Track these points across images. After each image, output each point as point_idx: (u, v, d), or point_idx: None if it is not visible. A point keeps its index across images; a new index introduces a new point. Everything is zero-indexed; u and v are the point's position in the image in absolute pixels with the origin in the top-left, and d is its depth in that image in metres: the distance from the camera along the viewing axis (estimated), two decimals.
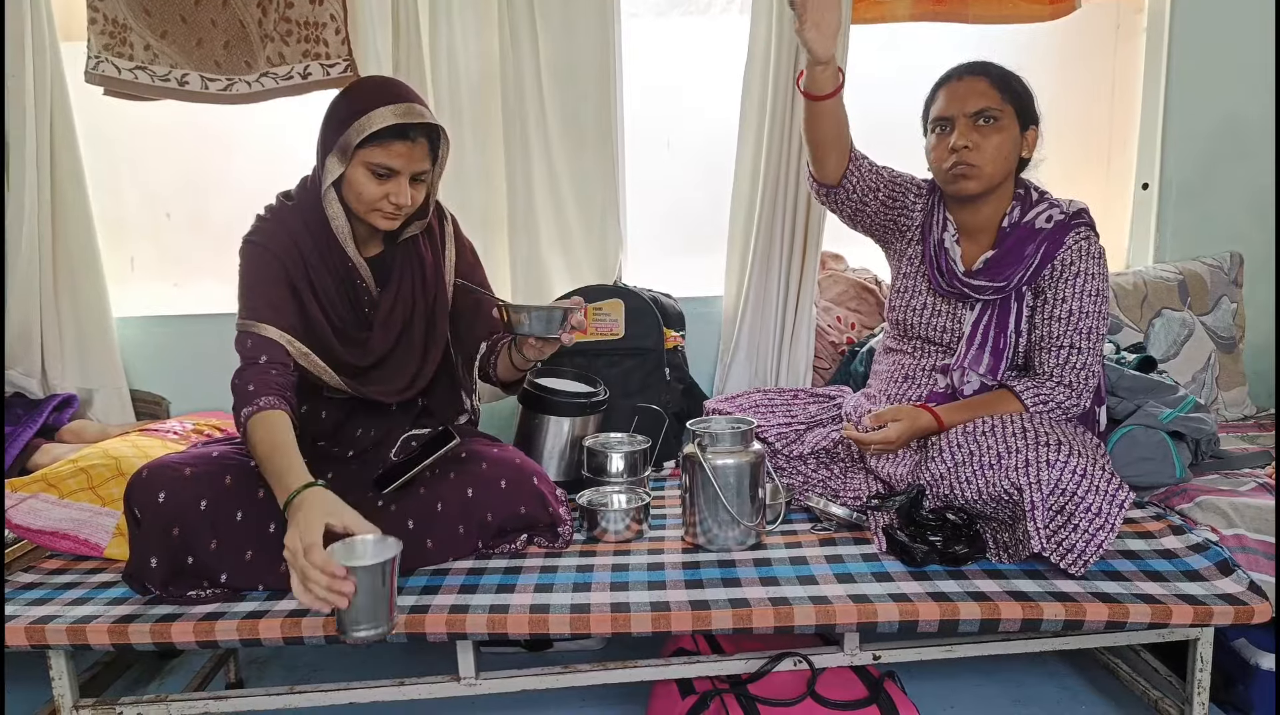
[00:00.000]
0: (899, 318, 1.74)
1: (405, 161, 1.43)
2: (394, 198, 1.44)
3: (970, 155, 1.54)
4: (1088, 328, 1.55)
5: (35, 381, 2.27)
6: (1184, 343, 2.24)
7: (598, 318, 2.16)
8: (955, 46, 2.26)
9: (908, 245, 1.73)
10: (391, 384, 1.59)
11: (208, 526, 1.36)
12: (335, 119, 1.45)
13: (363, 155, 1.42)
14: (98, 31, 2.11)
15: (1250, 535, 1.48)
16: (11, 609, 1.37)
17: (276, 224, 1.52)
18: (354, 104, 1.43)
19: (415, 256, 1.61)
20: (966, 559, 1.41)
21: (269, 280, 1.48)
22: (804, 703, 1.37)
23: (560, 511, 1.55)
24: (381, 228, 1.50)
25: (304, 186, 1.56)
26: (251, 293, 1.48)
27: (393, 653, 1.95)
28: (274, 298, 1.47)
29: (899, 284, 1.74)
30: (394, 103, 1.42)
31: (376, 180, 1.44)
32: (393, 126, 1.40)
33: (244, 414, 1.37)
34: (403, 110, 1.41)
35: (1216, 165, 2.41)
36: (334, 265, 1.53)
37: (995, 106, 1.55)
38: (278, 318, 1.46)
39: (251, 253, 1.50)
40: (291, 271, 1.50)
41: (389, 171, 1.43)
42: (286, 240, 1.50)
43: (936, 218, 1.67)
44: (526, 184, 2.23)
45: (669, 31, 2.43)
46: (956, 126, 1.56)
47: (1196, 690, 1.40)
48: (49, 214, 2.22)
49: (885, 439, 1.56)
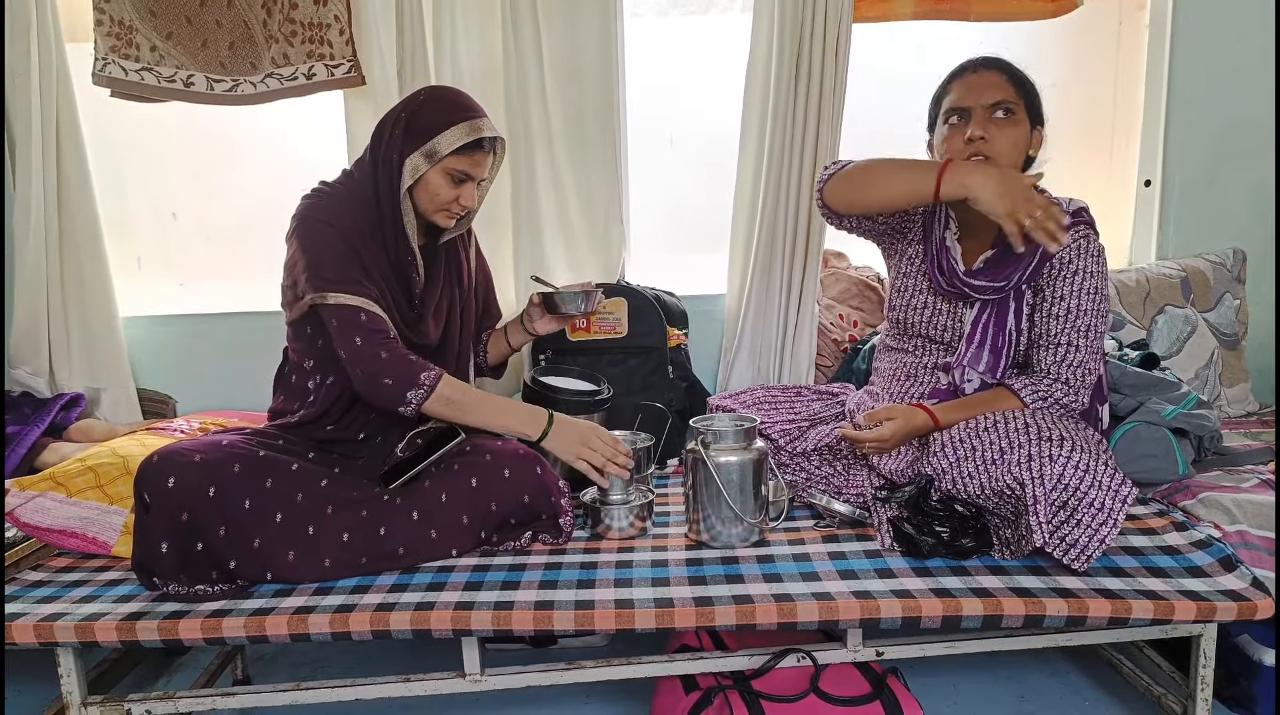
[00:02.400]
0: (899, 317, 1.75)
1: (479, 170, 1.60)
2: (463, 200, 1.60)
3: (986, 147, 1.54)
4: (1085, 326, 1.55)
5: (42, 381, 2.28)
6: (1187, 339, 2.24)
7: (601, 316, 2.17)
8: (958, 45, 2.26)
9: (908, 245, 1.74)
10: None
11: (216, 512, 1.38)
12: (417, 127, 1.55)
13: (447, 163, 1.56)
14: (104, 33, 2.12)
15: (1253, 531, 1.48)
16: (20, 606, 1.38)
17: (337, 205, 1.57)
18: (441, 116, 1.55)
19: (456, 257, 1.76)
20: (973, 552, 1.41)
21: (345, 255, 1.53)
22: (807, 699, 1.38)
23: (562, 502, 1.57)
24: (444, 226, 1.65)
25: (350, 178, 1.63)
26: (338, 265, 1.52)
27: (398, 649, 1.96)
28: (356, 273, 1.53)
29: (899, 283, 1.75)
30: (474, 118, 1.57)
31: (453, 185, 1.58)
32: (476, 139, 1.56)
33: (426, 379, 1.51)
34: (484, 124, 1.58)
35: (1219, 162, 2.41)
36: (393, 255, 1.60)
37: (1012, 99, 1.55)
38: (367, 292, 1.52)
39: (318, 230, 1.53)
40: (361, 249, 1.55)
41: (465, 177, 1.59)
42: (349, 222, 1.56)
43: (939, 214, 1.68)
44: (530, 183, 2.24)
45: (671, 30, 2.43)
46: (973, 117, 1.55)
47: (1199, 686, 1.40)
48: (55, 214, 2.23)
49: (879, 437, 1.56)
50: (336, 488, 1.49)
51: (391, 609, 1.31)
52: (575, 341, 2.18)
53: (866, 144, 1.71)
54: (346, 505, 1.47)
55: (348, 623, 1.29)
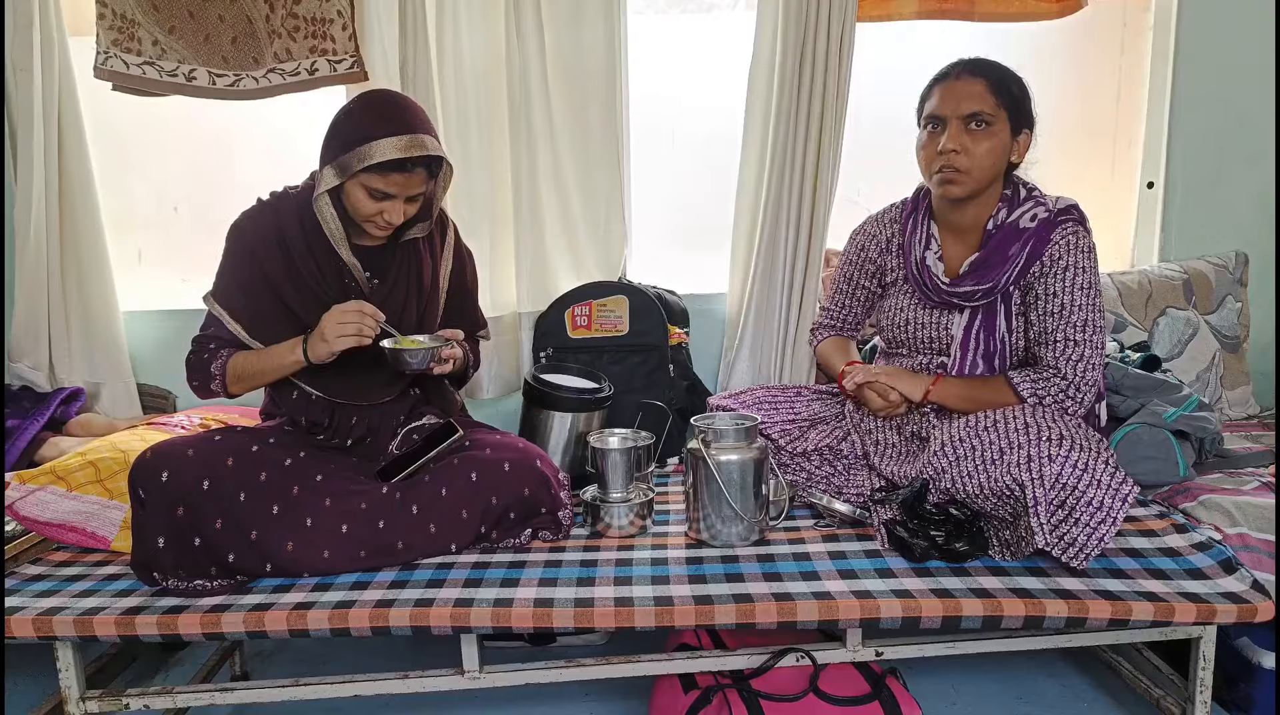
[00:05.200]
0: (888, 336, 1.79)
1: (401, 189, 1.50)
2: (387, 216, 1.52)
3: (958, 160, 1.55)
4: (1080, 321, 1.56)
5: (42, 375, 2.28)
6: (1188, 342, 2.24)
7: (602, 314, 2.17)
8: (961, 44, 2.26)
9: (894, 282, 1.78)
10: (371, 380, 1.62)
11: (211, 506, 1.38)
12: (340, 136, 1.49)
13: (361, 178, 1.48)
14: (106, 27, 2.11)
15: (1253, 534, 1.48)
16: (19, 600, 1.38)
17: (269, 213, 1.59)
18: (360, 128, 1.47)
19: (414, 258, 1.66)
20: (967, 556, 1.41)
21: (238, 266, 1.58)
22: (806, 698, 1.37)
23: (562, 495, 1.57)
24: (374, 236, 1.58)
25: (310, 180, 1.60)
26: (225, 274, 1.60)
27: (397, 646, 1.96)
28: (236, 283, 1.58)
29: (883, 304, 1.80)
30: (399, 134, 1.45)
31: (372, 200, 1.50)
32: (393, 160, 1.45)
33: (215, 365, 1.57)
34: (405, 144, 1.45)
35: (1222, 165, 2.40)
36: (323, 261, 1.57)
37: (988, 111, 1.55)
38: (233, 302, 1.58)
39: (230, 239, 1.61)
40: (266, 263, 1.56)
41: (385, 195, 1.50)
42: (270, 231, 1.56)
43: (919, 235, 1.69)
44: (532, 180, 2.24)
45: (673, 28, 2.43)
46: (948, 128, 1.56)
47: (1198, 689, 1.40)
48: (56, 208, 2.23)
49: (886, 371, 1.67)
50: (333, 481, 1.49)
51: (391, 605, 1.31)
52: (576, 339, 2.18)
53: (868, 143, 1.71)
54: (344, 497, 1.47)
55: (347, 619, 1.29)
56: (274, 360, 1.55)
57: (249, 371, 1.57)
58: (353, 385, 1.61)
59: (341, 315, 1.48)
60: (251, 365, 1.57)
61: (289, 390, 1.62)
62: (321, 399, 1.61)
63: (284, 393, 1.63)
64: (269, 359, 1.56)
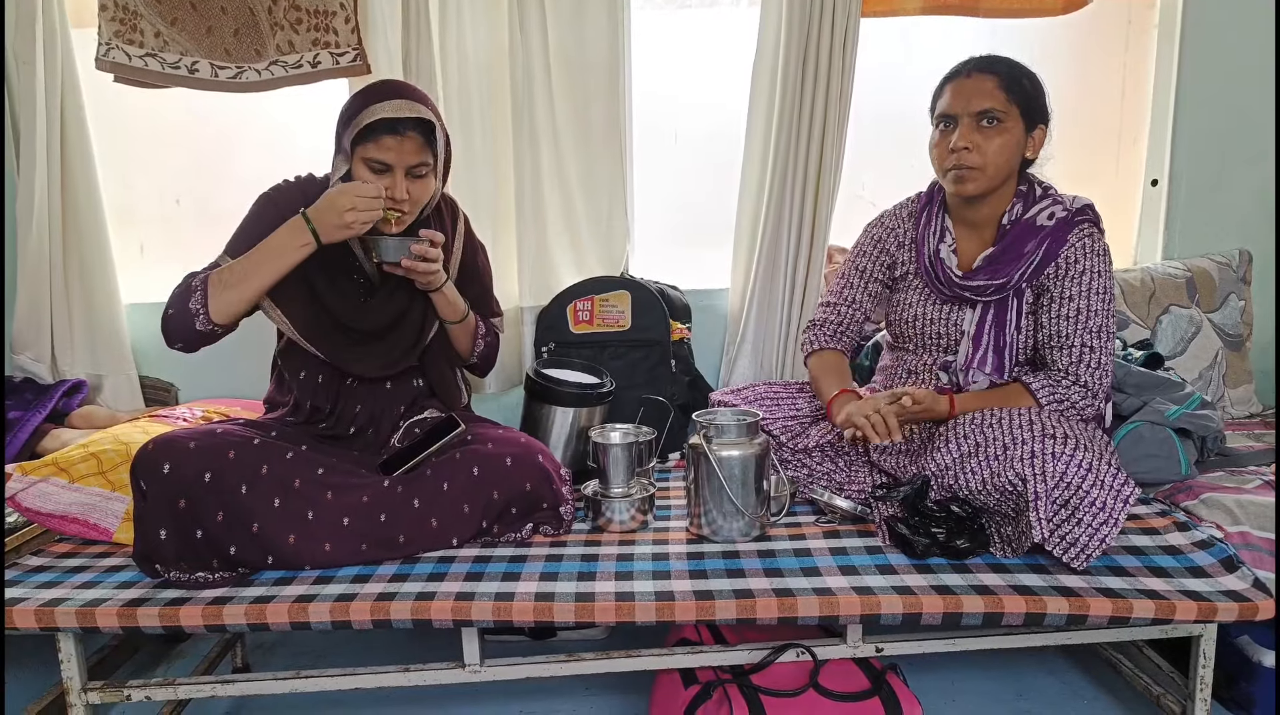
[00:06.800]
0: (897, 331, 1.78)
1: (396, 155, 1.49)
2: (392, 192, 1.50)
3: (970, 158, 1.54)
4: (1097, 326, 1.55)
5: (45, 367, 2.28)
6: (1191, 340, 2.24)
7: (604, 309, 2.17)
8: (966, 40, 2.25)
9: (906, 277, 1.76)
10: (378, 360, 1.62)
11: (213, 498, 1.38)
12: (341, 120, 1.54)
13: (360, 152, 1.50)
14: (108, 18, 2.11)
15: (1255, 532, 1.48)
16: (21, 591, 1.38)
17: (296, 190, 1.61)
18: (355, 103, 1.51)
19: None
20: (968, 554, 1.41)
21: (261, 221, 1.56)
22: (806, 694, 1.38)
23: (563, 490, 1.57)
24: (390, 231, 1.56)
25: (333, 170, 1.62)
26: (242, 235, 1.57)
27: (398, 639, 1.97)
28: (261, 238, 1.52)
29: (894, 299, 1.77)
30: (389, 99, 1.48)
31: (375, 177, 1.51)
32: (382, 120, 1.46)
33: (196, 280, 1.51)
34: (394, 106, 1.48)
35: (1226, 163, 2.40)
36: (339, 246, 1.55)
37: (1000, 108, 1.54)
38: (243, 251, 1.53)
39: (259, 204, 1.60)
40: None
41: (383, 166, 1.50)
42: (298, 202, 1.55)
43: (933, 229, 1.68)
44: (534, 175, 2.24)
45: (676, 23, 2.42)
46: (959, 126, 1.55)
47: (1199, 687, 1.40)
48: (59, 200, 2.23)
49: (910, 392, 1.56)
50: (334, 474, 1.49)
51: (392, 598, 1.31)
52: (578, 334, 2.18)
53: (874, 140, 1.71)
54: (345, 490, 1.47)
55: (348, 611, 1.29)
56: (268, 251, 1.47)
57: (236, 272, 1.48)
58: (358, 352, 1.60)
59: (343, 199, 1.43)
60: (238, 265, 1.49)
61: (297, 368, 1.62)
62: (327, 379, 1.61)
63: (292, 366, 1.63)
64: (262, 251, 1.48)
